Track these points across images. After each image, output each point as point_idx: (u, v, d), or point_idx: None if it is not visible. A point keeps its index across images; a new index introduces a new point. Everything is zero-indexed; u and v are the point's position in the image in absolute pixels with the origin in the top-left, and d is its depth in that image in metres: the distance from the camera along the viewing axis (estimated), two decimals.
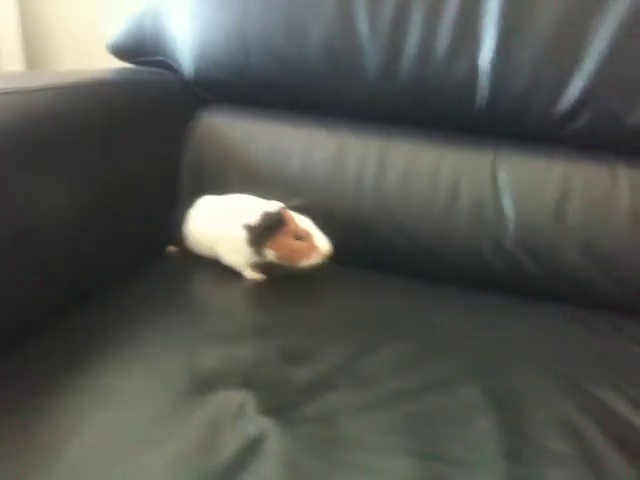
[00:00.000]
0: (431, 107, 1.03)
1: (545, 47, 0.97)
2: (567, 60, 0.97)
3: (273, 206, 0.92)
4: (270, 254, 0.92)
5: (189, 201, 1.04)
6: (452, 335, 0.84)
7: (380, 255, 1.03)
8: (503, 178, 1.01)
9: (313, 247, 0.89)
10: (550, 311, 0.94)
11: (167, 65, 1.16)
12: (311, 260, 0.90)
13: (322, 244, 0.90)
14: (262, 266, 0.94)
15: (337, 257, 0.96)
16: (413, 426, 0.68)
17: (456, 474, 0.63)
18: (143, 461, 0.61)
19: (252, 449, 0.62)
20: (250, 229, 0.91)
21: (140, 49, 1.17)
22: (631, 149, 0.99)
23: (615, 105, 0.97)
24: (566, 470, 0.66)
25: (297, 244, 0.90)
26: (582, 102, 0.97)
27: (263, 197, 0.97)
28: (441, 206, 1.01)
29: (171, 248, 1.06)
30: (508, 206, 1.00)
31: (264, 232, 0.90)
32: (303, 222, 0.91)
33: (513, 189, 1.00)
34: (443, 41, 1.00)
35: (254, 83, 1.10)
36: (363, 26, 1.02)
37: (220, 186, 1.03)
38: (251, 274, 0.94)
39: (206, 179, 1.08)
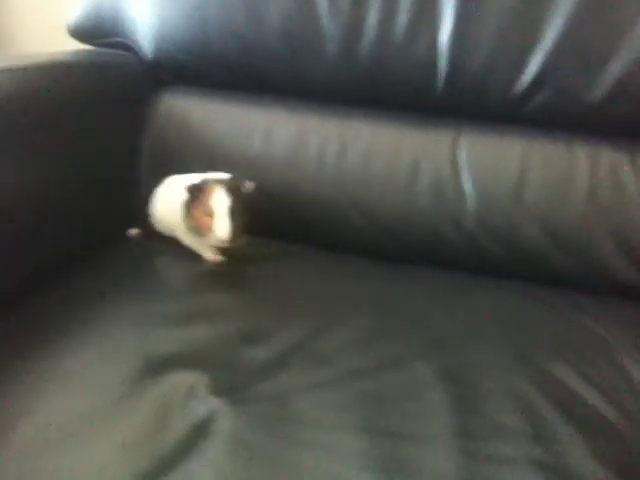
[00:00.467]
0: (391, 87, 1.03)
1: (503, 25, 0.97)
2: (525, 38, 0.97)
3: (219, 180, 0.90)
4: (189, 224, 0.91)
5: (150, 183, 1.03)
6: (408, 314, 0.85)
7: (341, 235, 1.03)
8: (463, 158, 1.01)
9: (210, 228, 0.87)
10: (508, 289, 0.95)
11: (127, 46, 1.14)
12: (211, 240, 0.88)
13: (218, 229, 0.86)
14: (222, 248, 0.94)
15: (298, 238, 0.96)
16: (365, 403, 0.68)
17: (407, 450, 0.64)
18: (91, 445, 0.61)
19: (202, 430, 0.63)
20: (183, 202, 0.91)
21: (99, 31, 1.16)
22: (588, 126, 0.99)
23: (573, 82, 0.97)
24: (517, 445, 0.67)
25: (202, 220, 0.88)
26: (540, 79, 0.97)
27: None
28: (401, 186, 1.01)
29: (133, 231, 1.05)
30: (468, 185, 1.00)
31: (185, 203, 0.89)
32: (220, 202, 0.86)
33: (473, 168, 1.00)
34: (402, 21, 0.99)
35: (214, 64, 1.08)
36: (322, 6, 1.01)
37: (181, 167, 1.03)
38: (209, 255, 0.94)
39: (167, 160, 1.07)
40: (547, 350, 0.81)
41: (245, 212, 0.88)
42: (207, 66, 1.09)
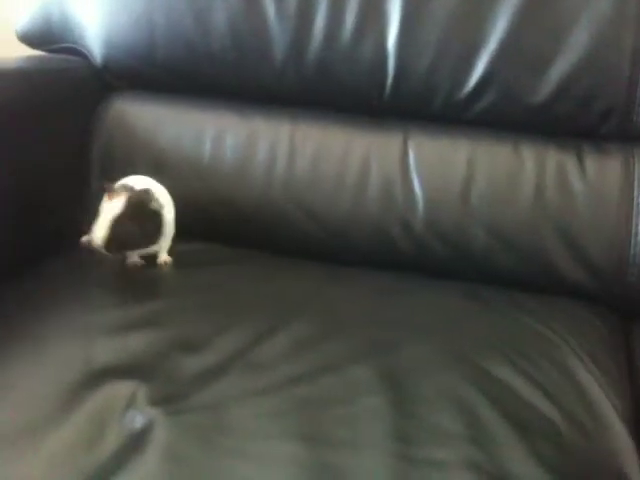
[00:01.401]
0: (339, 90, 1.03)
1: (448, 28, 0.98)
2: (470, 40, 0.98)
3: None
4: None
5: (100, 190, 1.02)
6: (352, 317, 0.85)
7: (290, 239, 1.03)
8: (411, 160, 1.01)
9: (91, 230, 0.85)
10: (455, 290, 0.95)
11: (77, 52, 1.13)
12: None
13: (93, 234, 0.84)
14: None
15: (247, 242, 0.96)
16: (302, 410, 0.68)
17: (340, 456, 0.64)
18: (19, 460, 0.60)
19: (137, 441, 0.62)
20: None
21: (48, 36, 1.14)
22: (534, 127, 1.00)
23: (518, 83, 0.98)
24: (453, 448, 0.67)
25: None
26: (486, 81, 0.98)
27: (171, 184, 0.96)
28: (350, 189, 1.01)
29: (85, 237, 1.03)
30: (416, 187, 1.00)
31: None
32: (108, 208, 0.84)
33: (421, 170, 1.01)
34: (349, 24, 1.00)
35: (162, 69, 1.08)
36: (269, 10, 1.01)
37: (130, 173, 1.01)
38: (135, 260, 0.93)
39: (116, 166, 1.06)
40: (489, 351, 0.81)
41: (141, 228, 0.86)
42: (156, 71, 1.09)
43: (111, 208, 0.84)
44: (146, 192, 0.88)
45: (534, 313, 0.91)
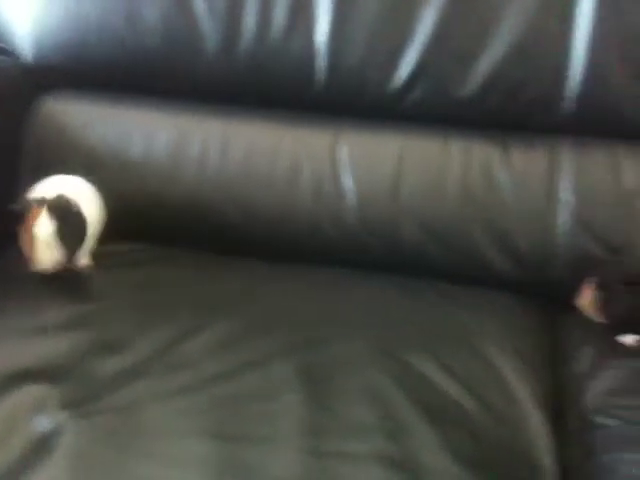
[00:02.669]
0: (271, 85, 1.03)
1: (377, 23, 0.98)
2: (399, 35, 0.98)
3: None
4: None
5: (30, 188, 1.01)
6: (281, 314, 0.86)
7: (223, 236, 1.03)
8: (343, 154, 1.02)
9: (33, 255, 0.82)
10: (386, 284, 0.97)
11: (6, 51, 1.12)
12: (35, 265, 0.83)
13: (38, 260, 0.82)
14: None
15: (178, 241, 0.96)
16: (220, 408, 0.70)
17: (253, 452, 0.65)
18: None
19: (44, 445, 0.63)
20: None
21: None
22: (462, 121, 1.01)
23: (446, 77, 0.99)
24: (367, 441, 0.69)
25: (26, 244, 0.83)
26: (415, 75, 0.99)
27: (102, 183, 0.96)
28: (282, 184, 1.02)
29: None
30: (348, 183, 1.01)
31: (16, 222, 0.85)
32: (41, 229, 0.81)
33: (353, 165, 1.01)
34: (279, 19, 1.00)
35: (94, 67, 1.07)
36: (200, 6, 1.01)
37: (62, 172, 1.01)
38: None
39: (48, 166, 1.04)
40: (413, 344, 0.83)
41: (78, 229, 0.85)
42: (87, 69, 1.08)
43: (42, 229, 0.82)
44: (58, 198, 0.86)
45: (461, 305, 0.93)
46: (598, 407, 0.82)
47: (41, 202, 0.84)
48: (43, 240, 0.82)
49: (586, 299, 0.91)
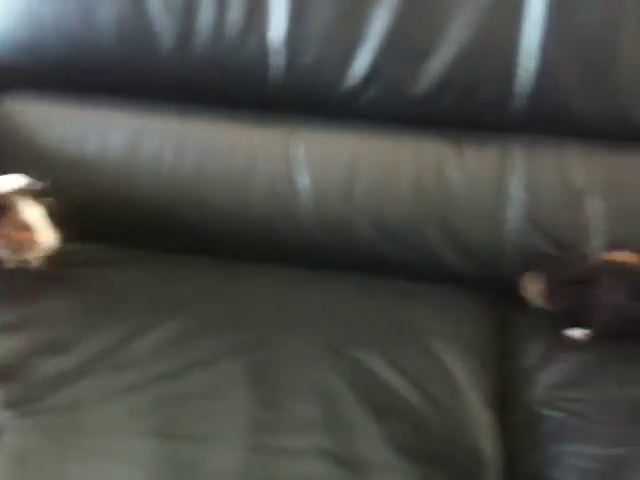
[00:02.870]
0: (227, 84, 1.04)
1: (332, 22, 0.99)
2: (353, 34, 0.99)
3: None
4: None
5: None
6: (233, 313, 0.87)
7: (178, 236, 1.04)
8: (298, 154, 1.03)
9: (33, 241, 0.84)
10: (339, 282, 0.98)
11: None
12: (34, 254, 0.85)
13: (44, 239, 0.84)
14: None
15: (133, 241, 0.96)
16: (165, 407, 0.70)
17: (194, 450, 0.66)
18: None
19: None
20: None
21: None
22: (416, 119, 1.02)
23: (400, 76, 1.00)
24: (310, 436, 0.70)
25: (17, 235, 0.84)
26: (369, 75, 1.00)
27: (57, 183, 0.96)
28: (237, 184, 1.03)
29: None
30: (303, 182, 1.02)
31: None
32: (34, 213, 0.84)
33: (308, 164, 1.02)
34: (235, 18, 1.00)
35: (52, 67, 1.07)
36: (155, 5, 1.01)
37: (18, 172, 1.01)
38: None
39: (4, 166, 1.04)
40: (363, 341, 0.84)
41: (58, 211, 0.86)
42: (45, 69, 1.08)
43: (35, 213, 0.84)
44: (31, 185, 0.87)
45: (413, 301, 0.94)
46: (544, 400, 0.84)
47: (19, 193, 0.85)
48: (44, 223, 0.84)
49: (533, 289, 0.92)
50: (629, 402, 0.81)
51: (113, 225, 1.02)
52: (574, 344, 0.91)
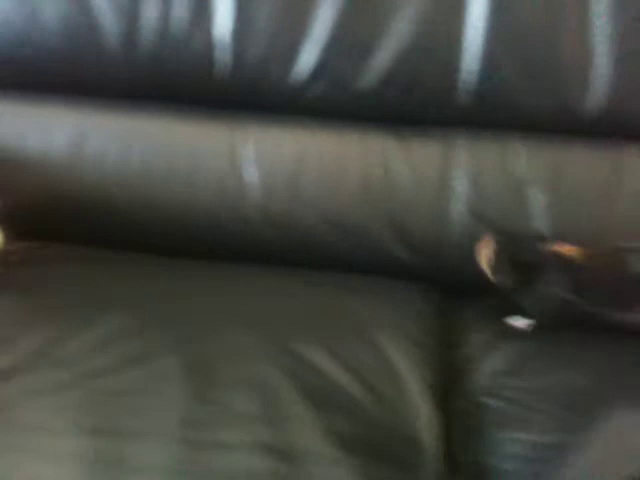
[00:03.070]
0: (173, 81, 1.03)
1: (278, 18, 0.99)
2: (299, 30, 0.99)
3: None
4: None
5: None
6: (173, 309, 0.87)
7: (124, 234, 1.03)
8: (245, 150, 1.03)
9: None
10: (286, 277, 0.98)
11: None
12: None
13: None
14: None
15: (77, 238, 0.96)
16: (98, 404, 0.70)
17: (128, 447, 0.66)
18: None
19: None
20: None
21: None
22: (361, 114, 1.03)
23: (345, 72, 1.00)
24: (246, 430, 0.70)
25: None
26: (315, 70, 1.00)
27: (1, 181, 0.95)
28: (184, 181, 1.02)
29: None
30: (250, 177, 1.02)
31: None
32: None
33: (254, 161, 1.03)
34: (180, 14, 0.99)
35: None
36: (99, 2, 1.00)
37: None
38: None
39: None
40: (304, 334, 0.85)
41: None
42: None
43: None
44: None
45: (358, 294, 0.95)
46: (485, 388, 0.86)
47: None
48: None
49: (483, 254, 0.93)
50: (567, 390, 0.83)
51: (57, 223, 1.02)
52: (516, 333, 0.93)
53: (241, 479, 0.65)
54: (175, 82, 1.04)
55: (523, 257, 0.91)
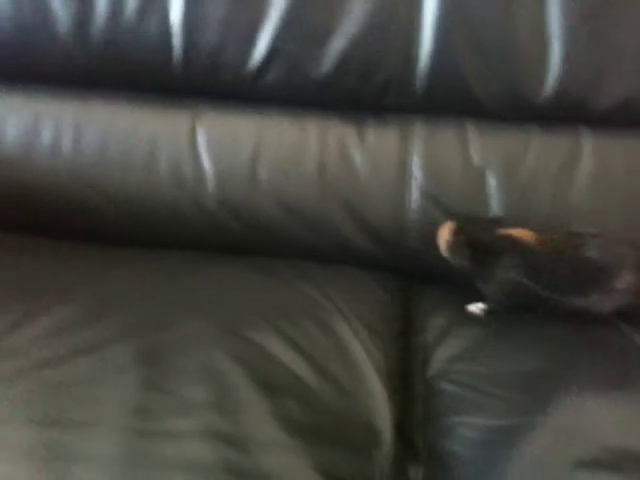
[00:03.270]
0: (126, 68, 1.02)
1: (232, 4, 0.98)
2: (253, 16, 0.98)
3: None
4: None
5: None
6: (126, 298, 0.85)
7: (79, 223, 1.02)
8: (202, 137, 1.02)
9: None
10: (246, 266, 0.97)
11: None
12: None
13: None
14: None
15: (32, 228, 0.94)
16: (47, 395, 0.69)
17: (75, 437, 0.65)
18: None
19: None
20: None
21: None
22: (318, 101, 1.02)
23: (301, 58, 0.99)
24: (197, 418, 0.69)
25: None
26: (270, 57, 0.99)
27: None
28: (140, 168, 1.01)
29: None
30: (207, 165, 1.01)
31: None
32: None
33: (211, 148, 1.02)
34: (132, 0, 0.98)
35: None
36: None
37: None
38: None
39: None
40: (260, 322, 0.84)
41: None
42: None
43: None
44: None
45: (316, 282, 0.94)
46: (441, 373, 0.86)
47: None
48: None
49: (442, 236, 0.93)
50: (520, 374, 0.84)
51: (10, 212, 1.00)
52: (473, 319, 0.93)
53: (191, 467, 0.64)
54: (130, 69, 1.02)
55: (480, 240, 0.91)
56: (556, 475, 0.70)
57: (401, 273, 1.03)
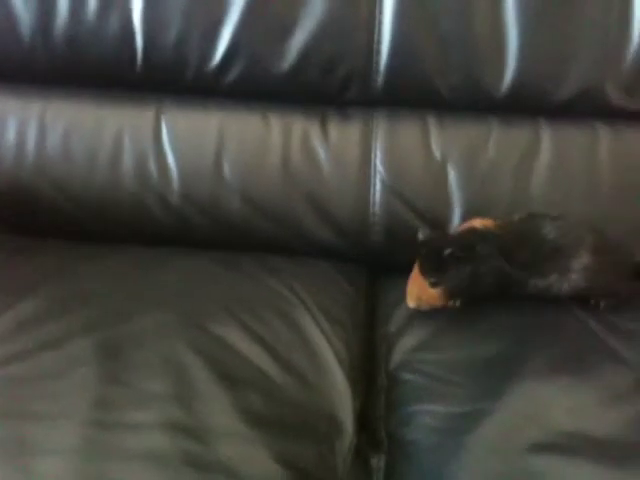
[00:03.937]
0: (89, 65, 1.02)
1: (191, 1, 0.98)
2: (214, 11, 0.98)
3: None
4: None
5: None
6: (87, 292, 0.86)
7: (44, 220, 1.02)
8: (165, 133, 1.02)
9: None
10: (210, 260, 0.97)
11: None
12: None
13: None
14: None
15: None
16: (8, 389, 0.70)
17: (35, 429, 0.66)
18: None
19: None
20: None
21: None
22: (282, 96, 1.03)
23: (263, 53, 1.00)
24: (155, 410, 0.70)
25: None
26: (233, 52, 0.99)
27: None
28: (104, 165, 1.01)
29: None
30: (172, 161, 1.02)
31: None
32: None
33: (175, 143, 1.02)
34: None
35: None
36: None
37: None
38: None
39: None
40: (222, 314, 0.85)
41: None
42: None
43: None
44: None
45: (280, 275, 0.95)
46: (403, 363, 0.88)
47: None
48: None
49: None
50: (479, 361, 0.85)
51: None
52: (435, 310, 0.94)
53: (150, 458, 0.65)
54: (93, 67, 1.02)
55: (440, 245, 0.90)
56: (512, 459, 0.71)
57: (365, 265, 1.04)
